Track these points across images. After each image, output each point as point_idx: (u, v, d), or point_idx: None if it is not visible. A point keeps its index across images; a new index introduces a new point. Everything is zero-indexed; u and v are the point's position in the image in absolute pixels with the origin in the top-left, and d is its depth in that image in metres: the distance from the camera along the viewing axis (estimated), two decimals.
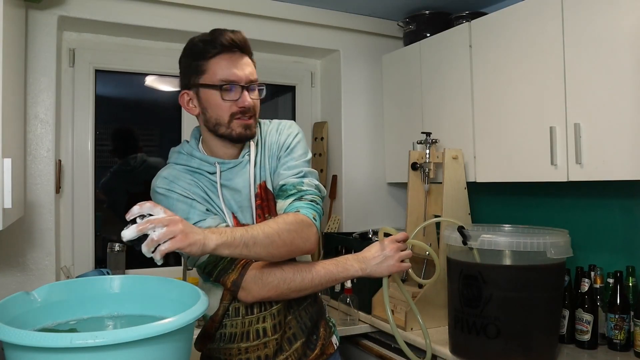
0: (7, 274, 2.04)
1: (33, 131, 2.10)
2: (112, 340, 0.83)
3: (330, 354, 1.48)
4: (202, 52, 1.30)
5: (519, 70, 1.96)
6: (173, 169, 1.37)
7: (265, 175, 1.38)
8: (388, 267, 1.36)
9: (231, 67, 1.30)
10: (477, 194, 2.44)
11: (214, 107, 1.32)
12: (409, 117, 2.56)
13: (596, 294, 1.82)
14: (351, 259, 1.36)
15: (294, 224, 1.24)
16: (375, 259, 1.35)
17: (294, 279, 1.28)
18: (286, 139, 1.41)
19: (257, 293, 1.27)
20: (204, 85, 1.31)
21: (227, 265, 1.27)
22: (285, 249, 1.23)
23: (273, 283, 1.27)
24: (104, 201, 2.46)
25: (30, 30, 2.08)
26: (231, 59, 1.30)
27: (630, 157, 1.61)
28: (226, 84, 1.30)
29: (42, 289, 1.11)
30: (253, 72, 1.35)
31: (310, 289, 1.32)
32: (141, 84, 2.59)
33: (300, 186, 1.34)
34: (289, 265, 1.30)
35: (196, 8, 2.36)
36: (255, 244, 1.16)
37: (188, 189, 1.32)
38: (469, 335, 1.69)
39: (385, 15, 2.75)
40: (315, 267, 1.32)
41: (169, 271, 2.48)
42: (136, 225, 0.98)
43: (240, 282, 1.26)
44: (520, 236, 1.66)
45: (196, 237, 1.04)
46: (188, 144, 1.41)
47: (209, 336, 1.40)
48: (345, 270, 1.34)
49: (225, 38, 1.29)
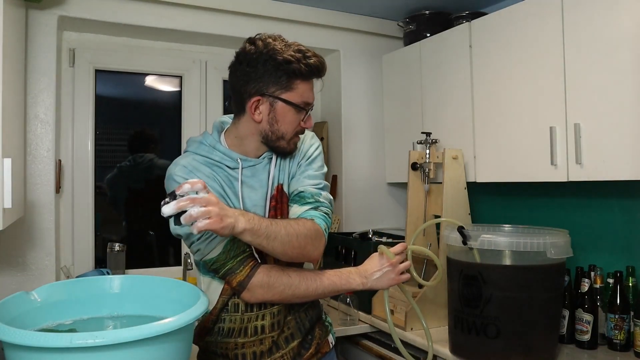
0: (7, 274, 2.04)
1: (33, 131, 2.10)
2: (112, 340, 0.83)
3: (326, 353, 1.50)
4: (297, 71, 1.31)
5: (519, 70, 1.96)
6: (193, 159, 1.36)
7: (283, 178, 1.41)
8: (388, 280, 1.39)
9: (311, 92, 1.38)
10: (477, 194, 2.44)
11: (287, 123, 1.35)
12: (409, 117, 2.56)
13: (596, 294, 1.82)
14: (354, 272, 1.39)
15: (310, 230, 1.29)
16: (375, 273, 1.39)
17: (299, 286, 1.31)
18: (309, 149, 1.45)
19: (261, 296, 1.30)
20: (287, 101, 1.33)
21: (235, 265, 1.28)
22: (297, 252, 1.27)
23: (279, 289, 1.30)
24: (106, 195, 2.47)
25: (30, 30, 2.08)
26: (313, 83, 1.39)
27: (630, 157, 1.61)
28: (307, 107, 1.36)
29: (42, 289, 1.11)
30: None
31: (312, 297, 1.36)
32: (141, 84, 2.59)
33: (318, 197, 1.37)
34: (296, 273, 1.33)
35: (196, 8, 2.36)
36: (276, 239, 1.20)
37: (206, 181, 1.31)
38: (469, 335, 1.69)
39: (385, 15, 2.75)
40: (321, 277, 1.35)
41: (169, 271, 2.48)
42: (176, 202, 1.02)
43: (247, 284, 1.28)
44: (520, 236, 1.66)
45: (228, 221, 1.08)
46: (210, 136, 1.40)
47: (206, 329, 1.41)
48: (347, 283, 1.37)
49: (317, 65, 1.34)
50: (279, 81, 1.31)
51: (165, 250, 2.61)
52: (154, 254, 2.61)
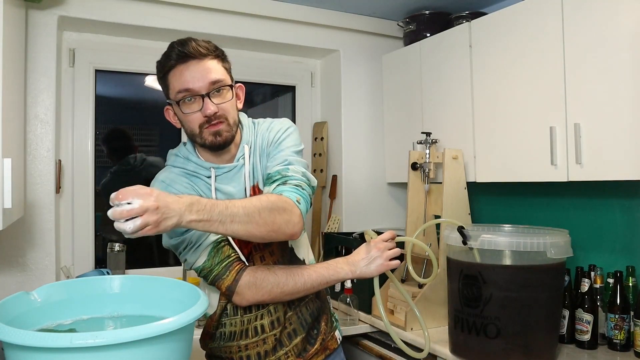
0: (7, 274, 2.04)
1: (33, 131, 2.10)
2: (112, 340, 0.83)
3: (334, 349, 1.50)
4: (161, 67, 1.31)
5: (519, 70, 1.96)
6: (170, 172, 1.38)
7: (257, 176, 1.38)
8: (377, 267, 1.40)
9: (185, 78, 1.26)
10: (477, 194, 2.44)
11: (185, 121, 1.32)
12: (409, 117, 2.56)
13: (596, 294, 1.82)
14: (341, 262, 1.40)
15: (275, 203, 1.20)
16: (363, 260, 1.39)
17: (287, 283, 1.31)
18: (275, 134, 1.39)
19: (251, 297, 1.30)
20: (171, 101, 1.32)
21: (222, 271, 1.28)
22: (266, 229, 1.18)
23: (267, 288, 1.29)
24: (105, 202, 2.46)
25: (30, 30, 2.08)
26: (187, 69, 1.27)
27: (630, 157, 1.61)
28: (182, 97, 1.28)
29: (42, 289, 1.11)
30: (216, 74, 1.29)
31: (302, 292, 1.35)
32: (141, 84, 2.59)
33: (286, 172, 1.31)
34: (282, 270, 1.32)
35: (196, 8, 2.36)
36: (233, 221, 1.13)
37: (184, 192, 1.31)
38: (469, 335, 1.69)
39: (385, 15, 2.75)
40: (308, 271, 1.35)
41: (169, 271, 2.48)
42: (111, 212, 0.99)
43: (235, 288, 1.28)
44: (520, 236, 1.66)
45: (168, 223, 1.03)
46: (185, 147, 1.41)
47: (209, 335, 1.42)
48: (336, 273, 1.37)
49: (175, 51, 1.27)
50: (163, 85, 1.33)
51: (165, 250, 2.61)
52: (154, 254, 2.61)
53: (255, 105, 2.99)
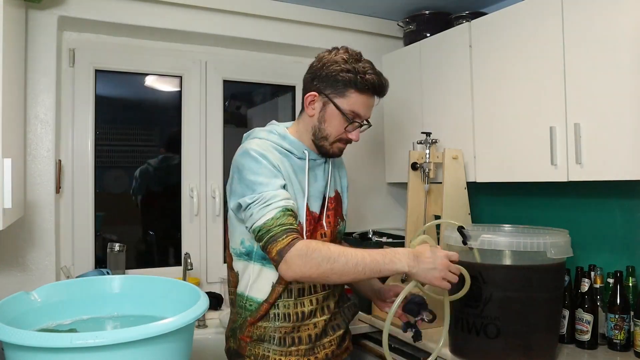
0: (7, 274, 2.04)
1: (33, 131, 2.10)
2: (112, 340, 0.83)
3: (350, 352, 1.68)
4: (353, 82, 1.43)
5: (519, 70, 1.96)
6: (264, 142, 1.46)
7: (334, 187, 1.60)
8: (433, 277, 1.32)
9: (366, 107, 1.47)
10: (477, 194, 2.44)
11: (332, 126, 1.47)
12: (409, 117, 2.56)
13: (596, 294, 1.82)
14: (401, 252, 1.32)
15: None
16: (428, 262, 1.31)
17: (338, 259, 1.28)
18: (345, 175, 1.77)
19: (297, 268, 1.28)
20: (337, 106, 1.45)
21: (279, 233, 1.30)
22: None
23: (316, 260, 1.27)
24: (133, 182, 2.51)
25: (30, 30, 2.08)
26: (373, 102, 1.49)
27: (630, 157, 1.61)
28: (354, 118, 1.46)
29: (42, 289, 1.12)
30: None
31: (351, 275, 1.29)
32: (141, 84, 2.59)
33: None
34: (336, 247, 1.32)
35: (196, 8, 2.36)
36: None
37: (277, 162, 1.42)
38: (469, 335, 1.69)
39: (385, 15, 2.75)
40: (362, 253, 1.31)
41: (169, 271, 2.48)
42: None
43: (285, 253, 1.28)
44: (520, 236, 1.66)
45: None
46: (279, 127, 1.52)
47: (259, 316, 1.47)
48: (392, 262, 1.30)
49: (373, 81, 1.45)
50: (335, 86, 1.44)
51: (165, 250, 2.61)
52: (154, 254, 2.61)
53: (255, 106, 2.98)
